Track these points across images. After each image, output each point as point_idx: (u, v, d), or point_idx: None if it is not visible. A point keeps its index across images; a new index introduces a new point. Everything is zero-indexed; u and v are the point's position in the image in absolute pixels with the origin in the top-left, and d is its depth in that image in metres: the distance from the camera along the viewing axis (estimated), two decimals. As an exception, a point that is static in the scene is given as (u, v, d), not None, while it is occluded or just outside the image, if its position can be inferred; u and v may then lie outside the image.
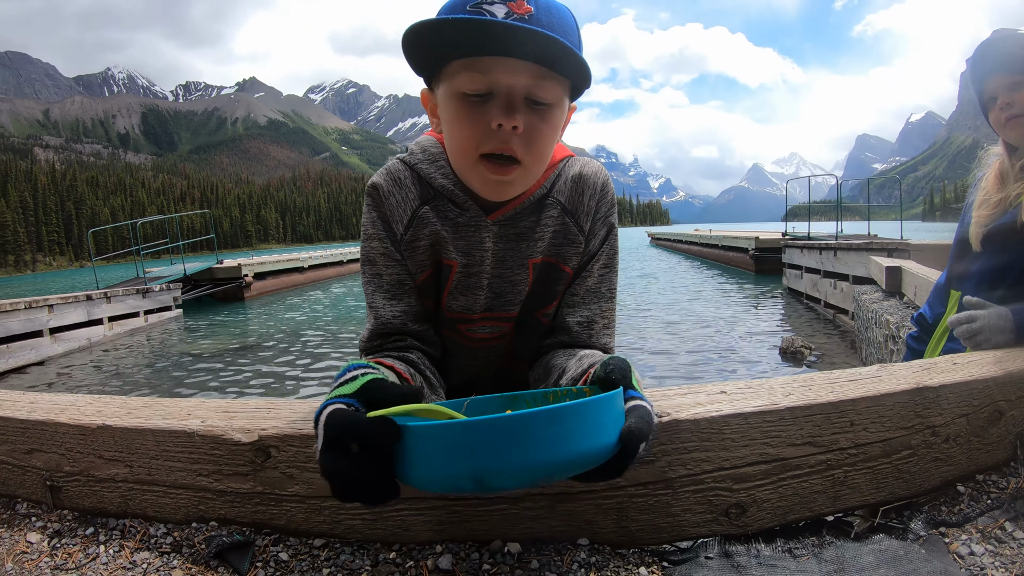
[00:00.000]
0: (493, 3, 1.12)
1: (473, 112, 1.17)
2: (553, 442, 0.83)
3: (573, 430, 0.84)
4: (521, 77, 1.15)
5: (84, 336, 11.97)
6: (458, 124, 1.20)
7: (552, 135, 1.23)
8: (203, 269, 19.60)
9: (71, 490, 1.48)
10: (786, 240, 15.55)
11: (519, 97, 1.17)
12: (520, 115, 1.16)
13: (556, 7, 1.17)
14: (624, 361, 1.07)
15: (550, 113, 1.20)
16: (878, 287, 7.53)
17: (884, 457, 1.24)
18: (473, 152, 1.20)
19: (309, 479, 1.27)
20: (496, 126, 1.16)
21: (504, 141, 1.17)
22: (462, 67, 1.17)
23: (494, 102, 1.16)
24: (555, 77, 1.18)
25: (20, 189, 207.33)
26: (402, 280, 1.37)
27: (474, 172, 1.23)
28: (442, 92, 1.22)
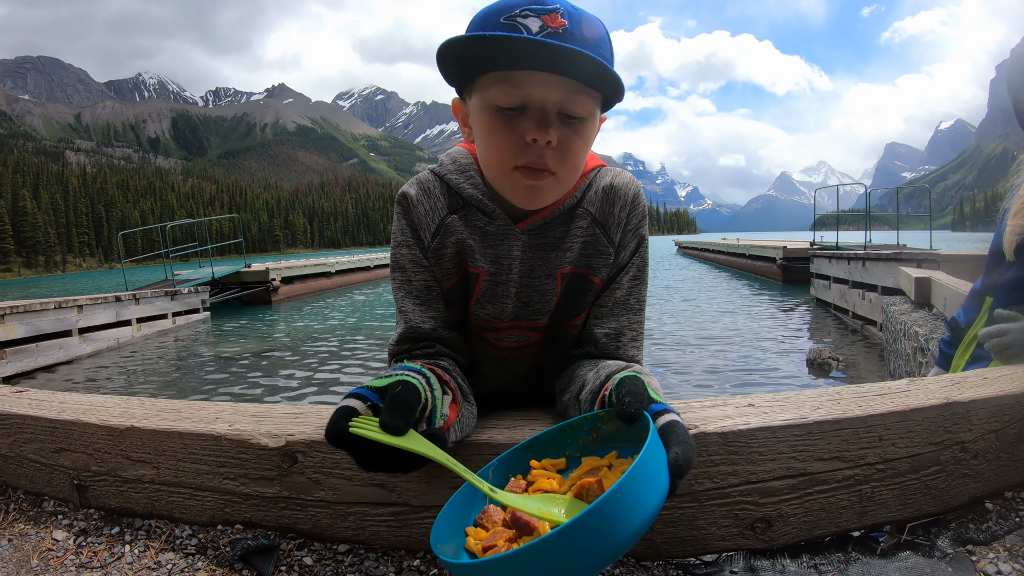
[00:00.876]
0: (527, 16, 1.12)
1: (507, 125, 1.18)
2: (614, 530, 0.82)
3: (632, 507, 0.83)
4: (555, 91, 1.16)
5: (112, 337, 12.10)
6: (492, 137, 1.20)
7: (584, 148, 1.24)
8: (231, 273, 19.75)
9: (98, 489, 1.49)
10: (814, 250, 15.40)
11: (552, 111, 1.17)
12: (554, 129, 1.16)
13: (589, 20, 1.17)
14: (636, 380, 1.07)
15: (582, 127, 1.21)
16: (907, 298, 7.44)
17: (912, 473, 1.23)
18: (508, 164, 1.21)
19: (335, 485, 1.28)
20: (531, 140, 1.16)
21: (539, 156, 1.18)
22: (496, 80, 1.17)
23: (528, 115, 1.17)
24: (588, 91, 1.18)
25: (51, 191, 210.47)
26: (431, 287, 1.38)
27: (508, 180, 1.24)
28: (475, 103, 1.23)
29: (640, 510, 0.84)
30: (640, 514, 0.84)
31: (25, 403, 1.72)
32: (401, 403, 0.99)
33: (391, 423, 0.96)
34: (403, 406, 0.98)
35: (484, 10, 1.18)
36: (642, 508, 0.84)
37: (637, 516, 0.83)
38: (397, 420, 0.96)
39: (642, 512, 0.84)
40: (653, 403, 1.04)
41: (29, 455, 1.61)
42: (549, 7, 1.13)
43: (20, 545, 1.38)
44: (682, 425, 0.99)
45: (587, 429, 1.12)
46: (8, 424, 1.64)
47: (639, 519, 0.84)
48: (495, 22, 1.14)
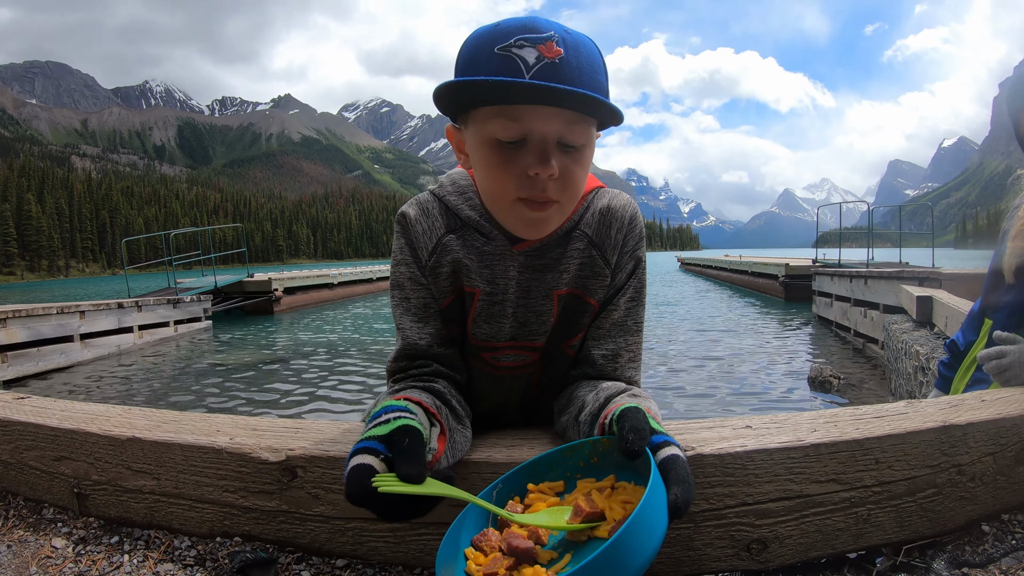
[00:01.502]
0: (522, 46, 1.12)
1: (508, 159, 1.19)
2: (627, 561, 0.85)
3: (635, 548, 0.85)
4: (554, 124, 1.16)
5: (114, 343, 12.10)
6: (493, 171, 1.21)
7: (584, 174, 1.25)
8: (234, 282, 19.77)
9: (98, 498, 1.50)
10: (816, 267, 15.38)
11: (552, 143, 1.17)
12: (555, 162, 1.17)
13: (583, 45, 1.17)
14: (638, 413, 1.07)
15: (581, 155, 1.21)
16: (909, 317, 7.43)
17: (909, 495, 1.23)
18: (511, 196, 1.22)
19: (334, 500, 1.28)
20: (533, 174, 1.17)
21: (541, 188, 1.19)
22: (494, 113, 1.17)
23: (528, 149, 1.17)
24: (585, 119, 1.18)
25: (56, 196, 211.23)
26: (428, 304, 1.39)
27: (512, 212, 1.25)
28: (472, 135, 1.23)
29: (639, 554, 0.86)
30: (639, 558, 0.86)
31: (27, 410, 1.73)
32: (414, 454, 0.99)
33: (413, 474, 0.96)
34: (417, 456, 0.99)
35: (477, 35, 1.18)
36: (642, 552, 0.86)
37: (636, 560, 0.85)
38: (417, 470, 0.97)
39: (641, 556, 0.86)
40: (655, 434, 1.05)
41: (30, 462, 1.62)
42: (543, 35, 1.13)
43: (19, 552, 1.39)
44: (683, 460, 1.00)
45: (588, 453, 1.14)
46: (10, 431, 1.65)
47: (638, 563, 0.86)
48: (489, 53, 1.13)
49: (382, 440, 1.03)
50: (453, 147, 1.33)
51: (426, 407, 1.17)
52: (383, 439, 1.03)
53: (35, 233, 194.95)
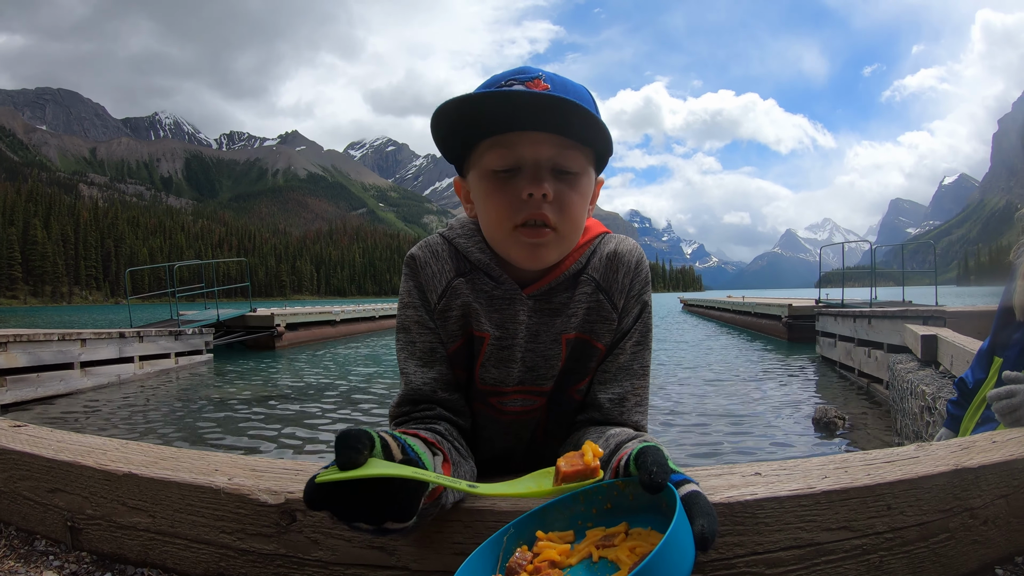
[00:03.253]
0: (512, 84, 1.19)
1: (504, 187, 1.24)
2: None
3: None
4: (546, 149, 1.23)
5: (114, 372, 12.09)
6: (490, 199, 1.26)
7: (582, 203, 1.28)
8: (236, 316, 19.78)
9: (91, 533, 1.48)
10: (819, 307, 15.37)
11: (545, 167, 1.23)
12: (548, 184, 1.21)
13: (571, 84, 1.25)
14: (657, 451, 1.05)
15: (577, 181, 1.27)
16: (913, 356, 7.40)
17: (921, 541, 1.20)
18: (508, 223, 1.25)
19: (334, 545, 1.26)
20: (527, 196, 1.21)
21: (536, 208, 1.22)
22: (489, 147, 1.24)
23: (522, 175, 1.23)
24: (578, 147, 1.24)
25: (62, 223, 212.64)
26: (434, 348, 1.38)
27: (510, 240, 1.27)
28: (473, 175, 1.31)
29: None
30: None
31: (23, 439, 1.72)
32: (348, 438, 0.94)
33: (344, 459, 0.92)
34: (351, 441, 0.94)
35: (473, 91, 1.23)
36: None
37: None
38: (349, 454, 0.92)
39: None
40: (674, 473, 1.04)
41: (24, 492, 1.60)
42: (531, 75, 1.22)
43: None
44: (704, 496, 1.00)
45: (601, 498, 1.10)
46: (4, 459, 1.64)
47: None
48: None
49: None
50: (461, 200, 1.39)
51: (424, 438, 1.14)
52: None
53: (40, 258, 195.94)
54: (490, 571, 1.02)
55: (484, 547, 1.03)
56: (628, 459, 1.08)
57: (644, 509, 1.06)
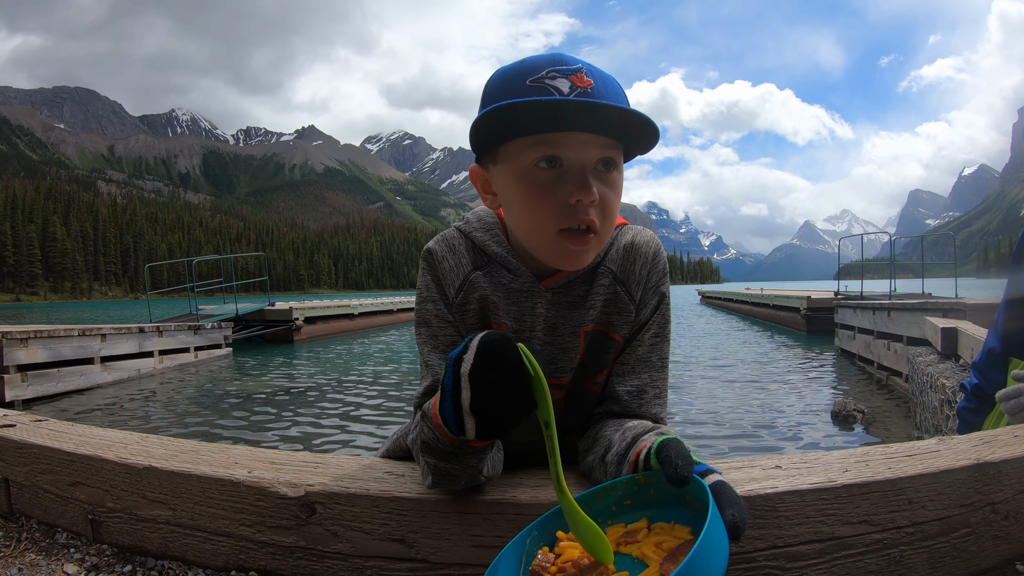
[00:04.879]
0: (555, 78, 1.12)
1: (547, 189, 1.17)
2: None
3: (707, 569, 0.81)
4: (592, 150, 1.16)
5: (134, 367, 12.18)
6: (533, 203, 1.19)
7: (618, 200, 1.24)
8: (255, 310, 19.90)
9: (112, 526, 1.49)
10: (838, 300, 15.25)
11: (591, 169, 1.17)
12: (596, 187, 1.16)
13: (609, 78, 1.18)
14: (678, 443, 1.04)
15: (616, 181, 1.22)
16: (933, 349, 7.34)
17: (942, 536, 1.19)
18: (552, 228, 1.19)
19: (353, 538, 1.26)
20: (575, 202, 1.16)
21: (584, 214, 1.17)
22: (531, 144, 1.17)
23: (568, 177, 1.17)
24: (617, 146, 1.19)
25: (81, 219, 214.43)
26: (456, 341, 1.36)
27: (553, 245, 1.22)
28: (505, 170, 1.23)
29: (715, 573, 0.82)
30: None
31: (44, 433, 1.74)
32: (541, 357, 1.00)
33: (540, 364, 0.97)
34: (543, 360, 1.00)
35: (504, 71, 1.19)
36: (716, 571, 0.82)
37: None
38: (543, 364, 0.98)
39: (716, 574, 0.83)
40: (696, 464, 1.02)
41: (45, 486, 1.62)
42: (573, 67, 1.14)
43: (31, 575, 1.37)
44: (729, 485, 0.98)
45: (621, 494, 1.09)
46: (26, 453, 1.66)
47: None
48: (521, 85, 1.13)
49: None
50: (478, 188, 1.32)
51: None
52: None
53: (59, 255, 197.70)
54: (514, 574, 1.01)
55: (507, 551, 1.02)
56: (648, 452, 1.07)
57: (665, 503, 1.04)
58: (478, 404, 0.99)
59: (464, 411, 1.00)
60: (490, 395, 0.99)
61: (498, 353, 0.97)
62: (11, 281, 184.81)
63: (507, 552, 1.02)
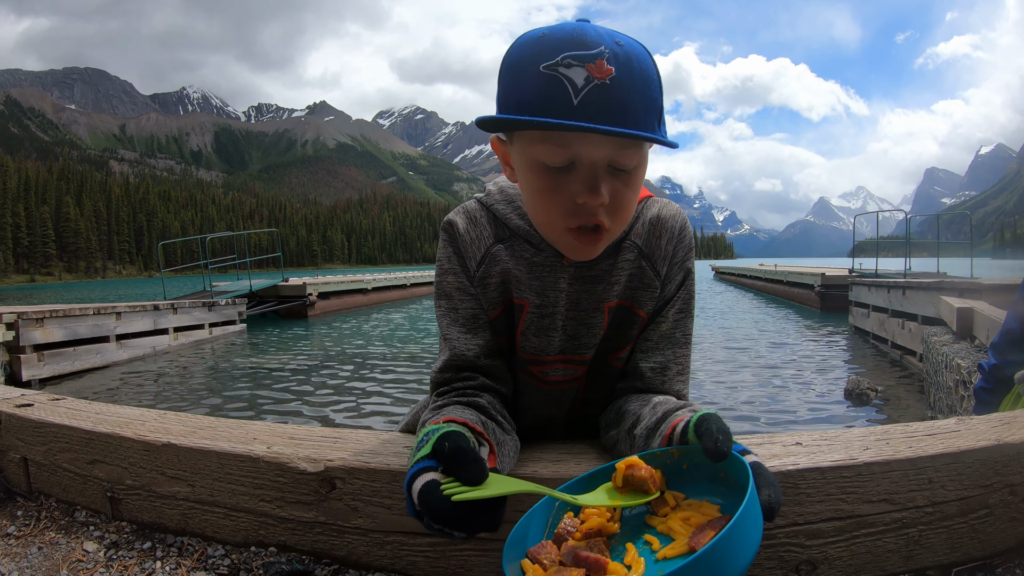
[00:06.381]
0: (570, 66, 1.05)
1: (556, 185, 1.13)
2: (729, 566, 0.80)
3: (736, 552, 0.81)
4: (604, 149, 1.10)
5: (149, 344, 12.28)
6: (541, 198, 1.16)
7: (635, 196, 1.19)
8: (268, 286, 19.99)
9: (131, 503, 1.50)
10: (853, 277, 15.16)
11: (602, 168, 1.12)
12: (605, 187, 1.11)
13: (636, 58, 1.09)
14: (718, 419, 1.01)
15: (632, 178, 1.16)
16: (948, 329, 7.29)
17: (960, 516, 1.19)
18: (560, 226, 1.17)
19: (373, 513, 1.27)
20: (581, 202, 1.12)
21: (591, 214, 1.13)
22: (540, 138, 1.11)
23: (576, 175, 1.12)
24: (638, 144, 1.12)
25: (94, 199, 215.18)
26: (477, 315, 1.35)
27: (560, 240, 1.21)
28: (519, 154, 1.18)
29: (748, 551, 0.82)
30: (747, 555, 0.82)
31: (62, 412, 1.74)
32: (466, 455, 0.96)
33: (474, 474, 0.94)
34: (470, 456, 0.96)
35: (521, 46, 1.12)
36: (741, 557, 0.82)
37: (746, 555, 0.82)
38: (475, 471, 0.94)
39: (749, 552, 0.82)
40: (735, 443, 1.00)
41: (63, 464, 1.63)
42: (592, 51, 1.05)
43: (50, 554, 1.39)
44: (765, 467, 0.97)
45: (654, 466, 1.06)
46: (44, 432, 1.66)
47: (747, 558, 0.82)
48: (534, 71, 1.06)
49: (430, 458, 0.99)
50: (499, 158, 1.27)
51: (471, 426, 1.12)
52: (431, 456, 0.99)
53: (73, 235, 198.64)
54: (539, 535, 1.02)
55: (536, 510, 1.02)
56: (687, 426, 1.05)
57: (697, 478, 1.04)
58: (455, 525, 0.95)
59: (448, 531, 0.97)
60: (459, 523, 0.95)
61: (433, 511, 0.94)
62: (26, 262, 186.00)
63: (536, 511, 1.03)
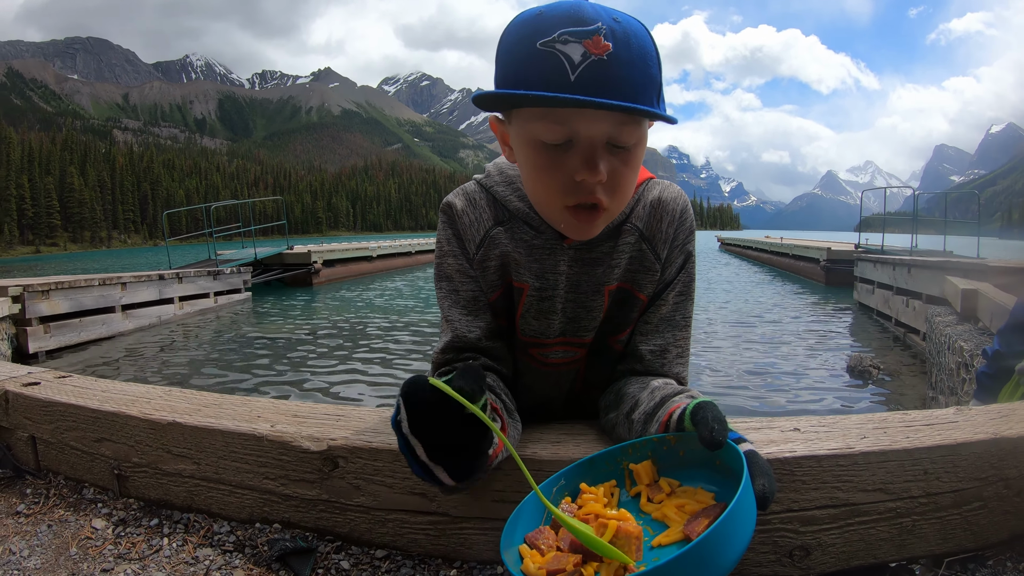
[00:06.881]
0: (567, 42, 1.03)
1: (553, 163, 1.12)
2: (712, 567, 0.79)
3: (729, 543, 0.81)
4: (602, 125, 1.09)
5: (155, 314, 12.27)
6: (539, 175, 1.15)
7: (634, 175, 1.18)
8: (273, 254, 19.90)
9: (138, 480, 1.52)
10: (859, 253, 15.11)
11: (600, 146, 1.10)
12: (603, 165, 1.10)
13: (635, 34, 1.07)
14: (714, 407, 1.02)
15: (631, 155, 1.15)
16: (952, 310, 7.27)
17: (954, 508, 1.20)
18: (558, 203, 1.16)
19: (375, 491, 1.28)
20: (579, 180, 1.11)
21: (589, 192, 1.12)
22: (538, 115, 1.10)
23: (574, 151, 1.11)
24: (636, 120, 1.10)
25: (99, 169, 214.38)
26: (478, 297, 1.35)
27: (558, 219, 1.20)
28: (517, 132, 1.17)
29: (741, 541, 0.82)
30: (740, 544, 0.82)
31: (68, 390, 1.76)
32: (473, 372, 0.95)
33: (465, 386, 0.92)
34: (476, 376, 0.95)
35: (519, 24, 1.10)
36: (743, 539, 0.82)
37: (739, 546, 0.82)
38: (471, 383, 0.93)
39: (742, 542, 0.83)
40: (730, 431, 1.01)
41: (71, 442, 1.65)
42: (590, 27, 1.04)
43: (59, 531, 1.41)
44: (761, 456, 0.97)
45: (651, 453, 1.08)
46: (51, 411, 1.68)
47: (740, 548, 0.82)
48: (530, 48, 1.05)
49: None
50: (498, 138, 1.26)
51: (490, 403, 1.11)
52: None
53: (77, 205, 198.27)
54: (537, 521, 1.02)
55: (534, 495, 1.02)
56: (683, 413, 1.05)
57: (692, 466, 1.04)
58: (434, 453, 0.97)
59: (428, 464, 0.98)
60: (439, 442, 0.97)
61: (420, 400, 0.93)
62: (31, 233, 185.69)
63: (534, 496, 1.02)
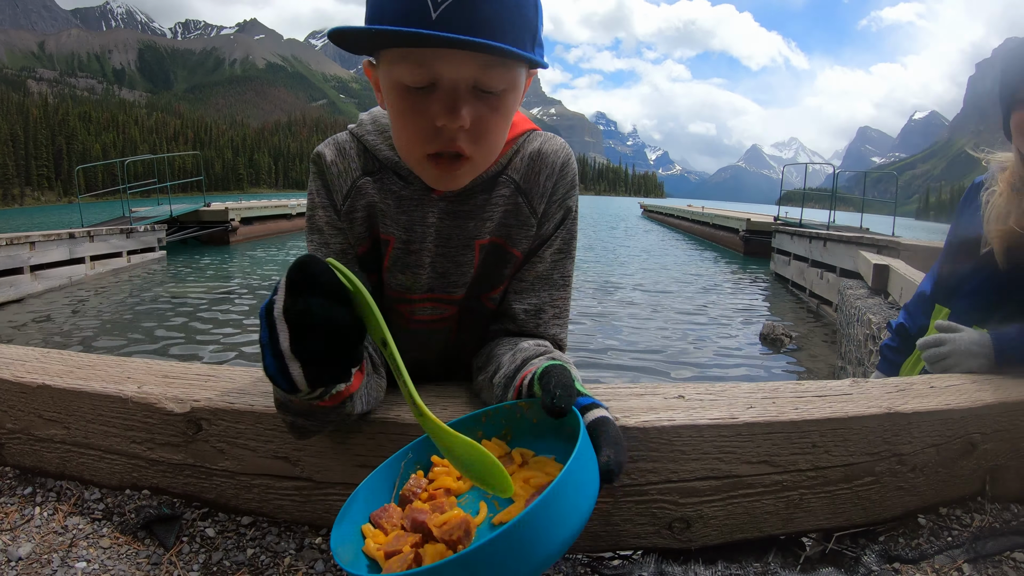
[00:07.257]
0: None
1: (415, 107, 1.06)
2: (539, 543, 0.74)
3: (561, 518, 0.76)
4: (466, 68, 1.03)
5: (65, 275, 11.88)
6: (401, 121, 1.09)
7: (504, 124, 1.13)
8: (189, 211, 19.48)
9: (12, 447, 1.44)
10: (777, 225, 15.52)
11: (464, 90, 1.04)
12: (466, 110, 1.04)
13: None
14: (563, 370, 0.98)
15: (501, 101, 1.09)
16: (864, 283, 7.52)
17: (844, 482, 1.20)
18: (419, 151, 1.10)
19: (239, 455, 1.24)
20: (440, 125, 1.05)
21: (450, 139, 1.07)
22: (399, 57, 1.04)
23: (436, 96, 1.04)
24: (506, 62, 1.05)
25: (11, 122, 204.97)
26: (347, 251, 1.30)
27: (420, 168, 1.15)
28: (383, 76, 1.10)
29: (569, 522, 0.77)
30: (568, 526, 0.77)
31: (-65, 352, 1.65)
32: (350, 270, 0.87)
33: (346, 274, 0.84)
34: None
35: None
36: (571, 519, 0.77)
37: (566, 528, 0.77)
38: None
39: (571, 523, 0.77)
40: (581, 396, 0.96)
41: (-57, 409, 1.54)
42: None
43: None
44: (613, 423, 0.93)
45: (504, 420, 1.04)
46: (-80, 373, 1.57)
47: (568, 531, 0.77)
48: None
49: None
50: (372, 84, 1.19)
51: None
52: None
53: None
54: (385, 498, 0.97)
55: (380, 470, 0.98)
56: (532, 378, 1.02)
57: (547, 435, 1.00)
58: (299, 344, 0.84)
59: (286, 356, 0.84)
60: (310, 328, 0.83)
61: (308, 276, 0.82)
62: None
63: (380, 472, 0.98)
